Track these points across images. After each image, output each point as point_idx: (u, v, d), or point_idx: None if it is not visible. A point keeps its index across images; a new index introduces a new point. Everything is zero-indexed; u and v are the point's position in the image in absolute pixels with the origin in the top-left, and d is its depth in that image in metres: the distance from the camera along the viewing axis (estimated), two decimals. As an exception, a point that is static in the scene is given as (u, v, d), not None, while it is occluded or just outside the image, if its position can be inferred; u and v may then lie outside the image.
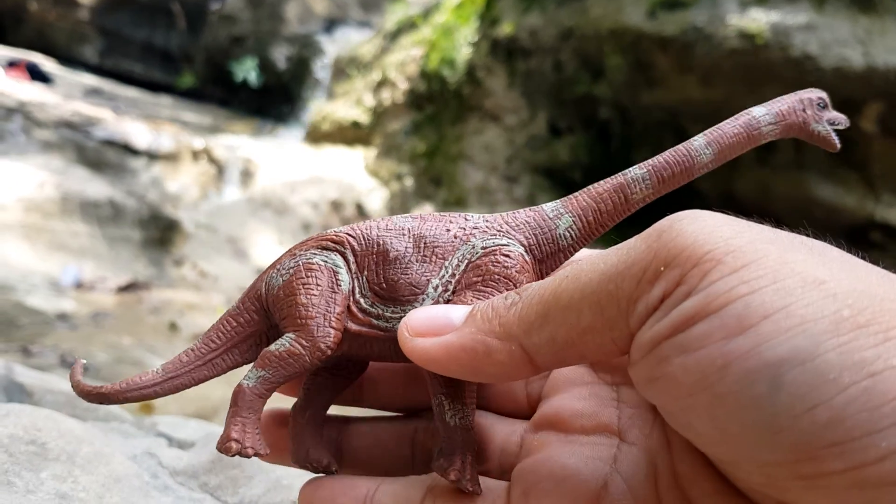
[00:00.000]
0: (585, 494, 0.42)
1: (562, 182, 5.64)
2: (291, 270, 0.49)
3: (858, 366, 0.27)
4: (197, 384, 0.51)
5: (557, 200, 0.51)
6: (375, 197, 5.97)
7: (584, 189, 0.50)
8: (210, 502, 0.65)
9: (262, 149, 6.55)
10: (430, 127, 6.28)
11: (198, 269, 4.81)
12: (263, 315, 0.51)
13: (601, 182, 0.50)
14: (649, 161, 0.50)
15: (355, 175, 6.25)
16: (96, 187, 4.94)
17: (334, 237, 0.50)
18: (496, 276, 0.46)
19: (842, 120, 0.51)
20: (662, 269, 0.33)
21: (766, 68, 4.57)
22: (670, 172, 0.49)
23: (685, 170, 0.49)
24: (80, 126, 5.60)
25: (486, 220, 0.50)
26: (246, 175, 6.00)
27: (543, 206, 0.50)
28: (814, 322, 0.29)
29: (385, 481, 0.48)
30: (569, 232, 0.49)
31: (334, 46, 8.35)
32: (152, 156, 5.73)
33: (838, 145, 0.51)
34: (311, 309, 0.47)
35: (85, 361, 0.51)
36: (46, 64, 7.79)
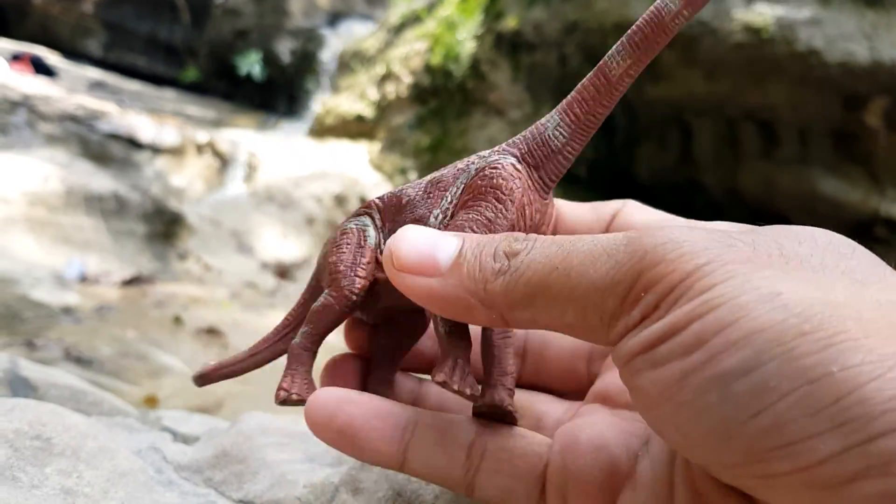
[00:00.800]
0: (616, 466, 0.43)
1: (566, 176, 5.59)
2: (332, 240, 0.54)
3: (798, 373, 0.29)
4: (277, 358, 0.57)
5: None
6: (380, 191, 5.97)
7: None
8: (214, 497, 0.65)
9: (267, 143, 6.56)
10: (435, 121, 6.27)
11: (202, 262, 4.82)
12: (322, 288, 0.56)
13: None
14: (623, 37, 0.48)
15: (359, 169, 6.26)
16: (101, 181, 4.95)
17: (365, 204, 0.54)
18: (483, 189, 0.47)
19: None
20: (643, 294, 0.35)
21: (772, 63, 4.55)
22: (642, 34, 0.47)
23: (656, 26, 0.46)
24: (85, 119, 5.60)
25: (492, 148, 0.50)
26: (250, 169, 6.01)
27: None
28: (759, 333, 0.30)
29: (430, 415, 0.47)
30: (558, 131, 0.48)
31: (338, 40, 8.35)
32: (156, 149, 5.73)
33: None
34: (339, 265, 0.51)
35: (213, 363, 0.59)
36: (50, 57, 7.80)
